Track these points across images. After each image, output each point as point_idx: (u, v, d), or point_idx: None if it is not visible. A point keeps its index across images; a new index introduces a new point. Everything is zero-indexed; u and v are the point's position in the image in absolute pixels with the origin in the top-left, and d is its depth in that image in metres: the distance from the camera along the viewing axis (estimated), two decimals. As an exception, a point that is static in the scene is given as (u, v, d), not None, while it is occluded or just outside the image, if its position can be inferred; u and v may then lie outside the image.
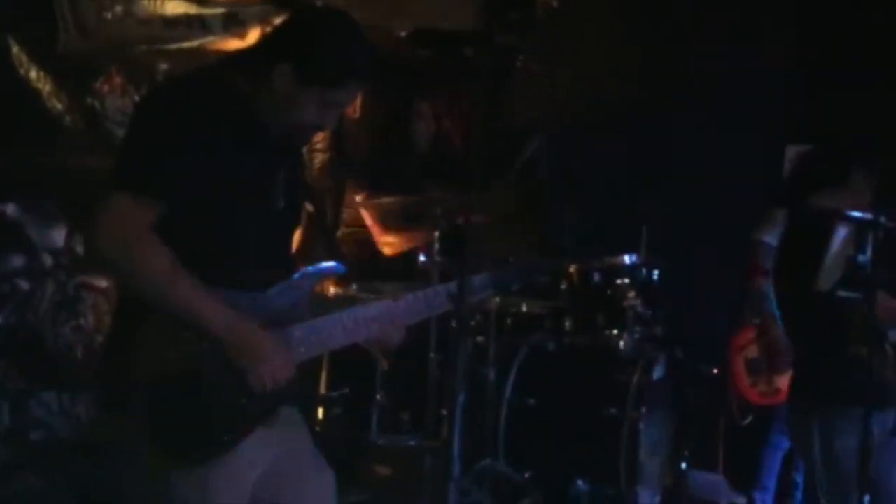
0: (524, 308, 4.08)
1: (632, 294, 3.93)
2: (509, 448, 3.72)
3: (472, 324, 3.74)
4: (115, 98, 3.73)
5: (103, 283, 3.62)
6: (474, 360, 3.71)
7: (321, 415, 3.72)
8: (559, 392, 3.81)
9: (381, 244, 3.73)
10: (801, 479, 3.96)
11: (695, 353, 4.11)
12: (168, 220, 1.89)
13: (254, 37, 4.04)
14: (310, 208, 3.47)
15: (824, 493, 2.78)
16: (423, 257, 3.51)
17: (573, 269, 4.01)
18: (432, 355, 3.41)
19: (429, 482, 3.39)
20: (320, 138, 4.56)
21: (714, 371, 4.19)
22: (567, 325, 4.01)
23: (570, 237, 4.27)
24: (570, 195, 4.55)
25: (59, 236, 3.57)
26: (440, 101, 4.34)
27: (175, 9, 3.89)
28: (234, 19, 4.07)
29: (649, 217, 4.19)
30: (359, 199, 3.77)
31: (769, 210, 3.27)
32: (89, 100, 3.69)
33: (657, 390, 3.82)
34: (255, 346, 1.93)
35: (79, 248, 3.58)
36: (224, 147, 1.93)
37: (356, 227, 3.77)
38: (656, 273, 4.07)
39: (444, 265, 3.34)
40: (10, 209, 3.46)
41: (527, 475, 3.70)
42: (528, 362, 3.85)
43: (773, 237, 3.20)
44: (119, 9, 3.72)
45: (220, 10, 4.05)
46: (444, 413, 3.29)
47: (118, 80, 3.75)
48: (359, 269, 3.78)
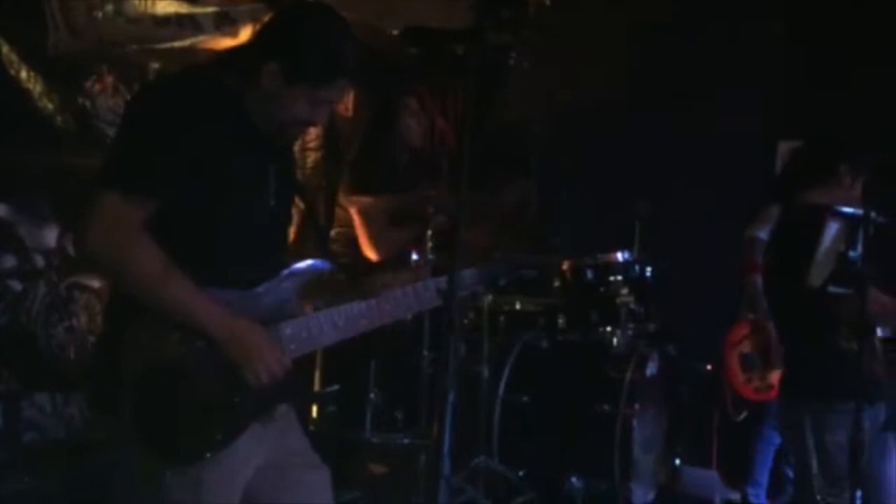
0: (518, 305, 4.09)
1: (625, 291, 3.94)
2: (503, 445, 3.73)
3: (465, 322, 3.74)
4: (106, 98, 3.71)
5: (95, 284, 3.60)
6: (468, 358, 3.72)
7: (315, 412, 3.72)
8: (553, 389, 3.82)
9: (366, 249, 3.72)
10: (792, 472, 3.97)
11: (688, 350, 4.12)
12: (158, 219, 1.88)
13: (245, 35, 4.03)
14: (302, 206, 3.48)
15: (816, 487, 2.79)
16: (414, 255, 3.50)
17: (566, 266, 4.01)
18: (426, 353, 3.41)
19: (423, 480, 3.39)
20: (313, 137, 4.56)
21: (708, 367, 4.20)
22: (560, 322, 4.02)
23: (562, 234, 4.27)
24: (563, 192, 4.55)
25: (51, 237, 3.55)
26: (432, 100, 4.33)
27: (166, 8, 3.88)
28: (226, 18, 4.06)
29: (642, 214, 4.20)
30: (348, 200, 3.76)
31: (762, 206, 3.28)
32: (80, 99, 3.67)
33: (650, 387, 3.83)
34: (249, 343, 1.92)
35: (70, 249, 3.56)
36: (214, 145, 1.92)
37: (348, 226, 3.76)
38: (649, 270, 4.08)
39: (436, 262, 3.34)
40: (2, 210, 3.44)
41: (521, 472, 3.70)
42: (521, 359, 3.86)
43: (767, 233, 3.21)
44: (109, 8, 3.71)
45: (212, 9, 4.04)
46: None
47: (109, 80, 3.73)
48: (351, 267, 3.78)
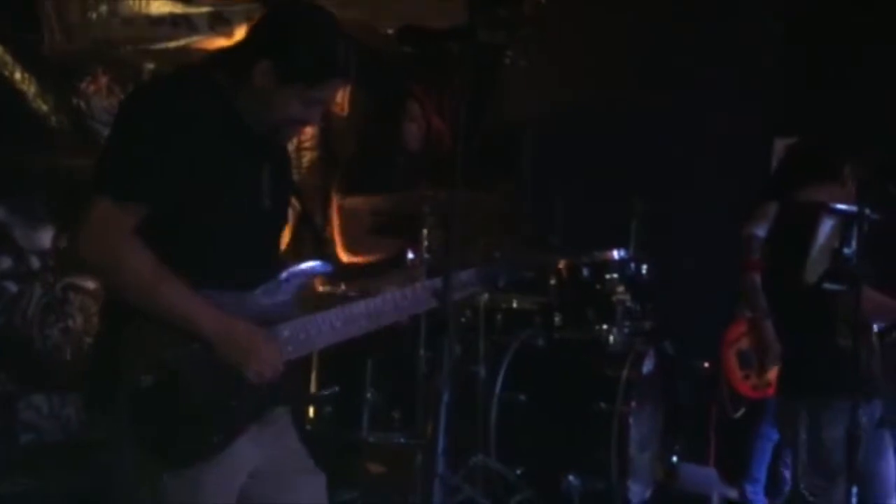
0: (514, 304, 4.09)
1: (621, 289, 3.94)
2: (500, 444, 3.72)
3: (462, 320, 3.74)
4: (100, 98, 3.71)
5: (91, 285, 3.60)
6: (464, 357, 3.71)
7: (312, 413, 3.71)
8: (549, 387, 3.81)
9: (339, 250, 3.72)
10: (789, 474, 3.97)
11: (684, 348, 4.12)
12: (153, 221, 1.88)
13: (240, 35, 3.99)
14: (298, 207, 3.47)
15: (811, 484, 2.79)
16: (410, 254, 3.50)
17: (562, 264, 4.01)
18: (422, 352, 3.41)
19: (420, 479, 3.38)
20: (308, 136, 4.55)
21: (705, 365, 4.20)
22: (557, 320, 4.02)
23: (558, 233, 4.27)
24: (559, 190, 4.55)
25: (46, 238, 3.55)
26: (429, 99, 4.33)
27: (160, 8, 3.87)
28: (220, 18, 4.05)
29: (638, 212, 4.20)
30: (335, 203, 3.77)
31: (760, 203, 3.28)
32: (75, 100, 3.67)
33: (647, 384, 3.83)
34: (246, 343, 1.92)
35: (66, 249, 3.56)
36: (207, 146, 1.92)
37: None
38: (645, 268, 4.08)
39: (432, 262, 3.34)
40: (-3, 211, 3.45)
41: (518, 471, 3.70)
42: (518, 358, 3.85)
43: (764, 230, 3.21)
44: (104, 8, 3.70)
45: (206, 9, 4.03)
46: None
47: (104, 80, 3.73)
48: (346, 267, 3.78)
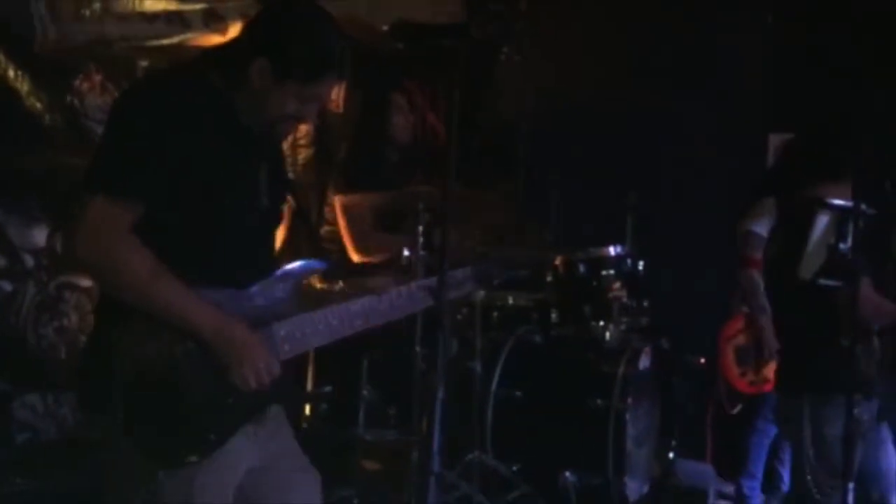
0: (510, 301, 4.09)
1: (617, 285, 3.94)
2: (497, 440, 3.73)
3: (458, 318, 3.74)
4: (94, 96, 3.69)
5: (85, 283, 3.57)
6: (461, 354, 3.72)
7: (308, 411, 3.71)
8: (546, 384, 3.82)
9: (350, 250, 3.71)
10: (785, 472, 3.98)
11: (680, 344, 4.12)
12: (148, 220, 1.87)
13: (234, 32, 3.97)
14: (293, 204, 3.46)
15: (817, 480, 2.80)
16: (406, 252, 3.50)
17: (559, 261, 4.02)
18: (418, 349, 3.41)
19: (416, 476, 3.38)
20: (304, 134, 4.53)
21: (701, 360, 4.20)
22: (553, 317, 4.02)
23: (554, 229, 4.27)
24: (555, 187, 4.55)
25: (40, 236, 3.53)
26: (423, 95, 4.32)
27: (154, 5, 3.85)
28: (214, 15, 4.03)
29: (634, 208, 4.20)
30: (335, 199, 3.75)
31: (758, 200, 3.29)
32: (69, 98, 3.64)
33: (643, 381, 3.84)
34: (241, 345, 1.91)
35: (60, 248, 3.54)
36: (202, 144, 1.91)
37: (337, 225, 3.76)
38: (641, 264, 4.08)
39: (428, 260, 3.34)
40: (-10, 209, 3.43)
41: (515, 467, 3.70)
42: (514, 355, 3.86)
43: (762, 227, 3.21)
44: (97, 5, 3.68)
45: (200, 6, 4.01)
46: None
47: (98, 78, 3.71)
48: (342, 266, 3.77)
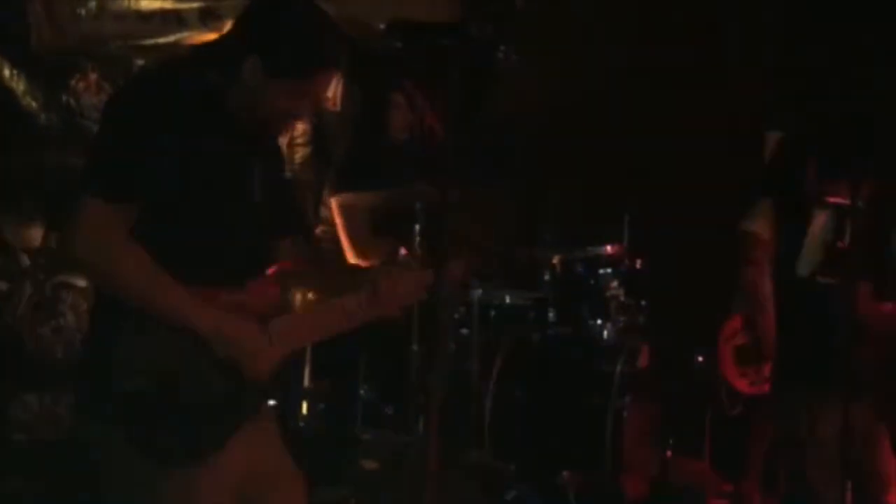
0: (508, 299, 4.08)
1: (615, 284, 3.94)
2: (495, 439, 3.72)
3: (455, 316, 3.73)
4: (90, 95, 3.69)
5: (82, 282, 3.58)
6: (458, 353, 3.71)
7: (305, 409, 3.71)
8: (544, 383, 3.81)
9: (347, 252, 3.71)
10: (784, 470, 3.96)
11: (678, 342, 4.12)
12: (142, 219, 1.87)
13: (230, 31, 3.99)
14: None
15: (814, 479, 2.79)
16: (403, 250, 3.50)
17: (556, 259, 4.01)
18: (415, 347, 3.41)
19: (413, 475, 3.38)
20: (301, 132, 4.53)
21: (699, 359, 4.20)
22: (551, 315, 4.01)
23: (552, 228, 4.27)
24: (552, 186, 4.55)
25: (36, 236, 3.53)
26: (422, 95, 4.32)
27: (150, 4, 3.85)
28: (211, 14, 4.02)
29: (631, 206, 4.20)
30: (332, 199, 3.75)
31: (757, 200, 3.29)
32: (64, 97, 3.65)
33: (641, 379, 3.83)
34: (241, 342, 1.91)
35: (56, 248, 3.54)
36: (195, 143, 1.90)
37: (334, 225, 3.75)
38: (639, 262, 4.08)
39: (425, 257, 3.33)
40: (-14, 209, 3.43)
41: (513, 466, 3.70)
42: (512, 354, 3.85)
43: (762, 227, 3.21)
44: (93, 4, 3.68)
45: (197, 5, 4.01)
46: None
47: (93, 77, 3.71)
48: (338, 265, 3.76)
